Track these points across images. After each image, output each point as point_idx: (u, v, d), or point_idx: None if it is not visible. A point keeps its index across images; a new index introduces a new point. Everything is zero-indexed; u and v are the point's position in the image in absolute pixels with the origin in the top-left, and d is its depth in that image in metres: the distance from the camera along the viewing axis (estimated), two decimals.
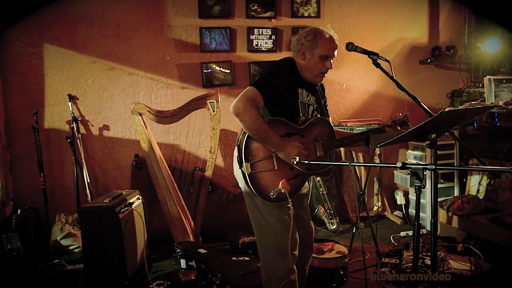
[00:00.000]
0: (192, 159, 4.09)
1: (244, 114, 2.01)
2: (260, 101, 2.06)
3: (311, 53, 2.17)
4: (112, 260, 2.78)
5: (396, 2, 4.70)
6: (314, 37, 2.16)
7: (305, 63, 2.20)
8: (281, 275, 2.13)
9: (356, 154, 4.59)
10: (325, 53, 2.16)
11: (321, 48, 2.16)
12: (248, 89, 2.06)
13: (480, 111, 2.61)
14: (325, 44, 2.16)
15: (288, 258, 2.14)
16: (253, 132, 2.05)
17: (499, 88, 3.92)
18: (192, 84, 4.26)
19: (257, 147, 2.10)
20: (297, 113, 2.21)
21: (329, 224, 4.20)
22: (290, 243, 2.12)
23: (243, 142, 2.08)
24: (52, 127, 4.03)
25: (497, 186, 3.77)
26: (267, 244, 2.20)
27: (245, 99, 2.02)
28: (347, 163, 1.84)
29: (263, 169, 2.09)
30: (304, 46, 2.18)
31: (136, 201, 3.14)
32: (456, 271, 2.88)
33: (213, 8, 4.20)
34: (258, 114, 2.03)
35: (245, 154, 2.08)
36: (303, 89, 2.24)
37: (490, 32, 4.45)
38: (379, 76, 4.62)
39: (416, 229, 1.75)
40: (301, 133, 2.20)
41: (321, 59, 2.17)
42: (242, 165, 2.07)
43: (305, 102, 2.26)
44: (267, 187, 2.08)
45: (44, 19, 3.92)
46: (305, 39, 2.18)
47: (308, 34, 2.18)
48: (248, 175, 2.06)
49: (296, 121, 2.21)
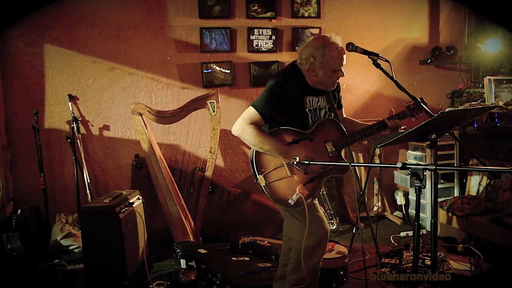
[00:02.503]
0: (192, 159, 4.09)
1: (244, 134, 2.13)
2: (259, 120, 2.14)
3: (323, 70, 2.16)
4: (112, 260, 2.77)
5: (396, 2, 4.70)
6: (323, 55, 2.13)
7: (317, 79, 2.20)
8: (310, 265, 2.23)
9: (356, 154, 4.59)
10: (337, 67, 2.17)
11: (332, 64, 2.15)
12: (247, 111, 2.16)
13: (480, 112, 2.61)
14: (335, 59, 2.15)
15: (320, 248, 2.24)
16: (256, 147, 2.15)
17: (499, 88, 3.92)
18: (192, 84, 4.26)
19: (267, 158, 2.17)
20: (306, 120, 2.23)
21: (329, 225, 4.20)
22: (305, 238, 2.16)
23: (253, 156, 2.18)
24: (53, 127, 4.03)
25: (497, 187, 3.77)
26: (299, 239, 2.22)
27: (243, 120, 2.14)
28: (347, 163, 1.85)
29: (277, 178, 2.16)
30: (314, 65, 2.16)
31: (136, 201, 3.14)
32: (456, 271, 2.88)
33: (214, 8, 4.20)
34: (256, 130, 2.11)
35: (257, 167, 2.17)
36: (310, 96, 2.25)
37: (490, 33, 4.45)
38: (379, 76, 4.62)
39: (416, 230, 1.76)
40: (309, 137, 2.23)
41: (333, 72, 2.18)
42: (257, 179, 2.16)
43: (315, 107, 2.27)
44: (285, 195, 2.15)
45: (44, 19, 3.92)
46: (314, 58, 2.14)
47: (316, 50, 2.14)
48: (264, 186, 2.15)
49: (305, 128, 2.23)
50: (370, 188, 4.74)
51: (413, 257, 1.84)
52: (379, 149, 4.28)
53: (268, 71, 4.37)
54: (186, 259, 3.24)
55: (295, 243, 2.29)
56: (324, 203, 4.22)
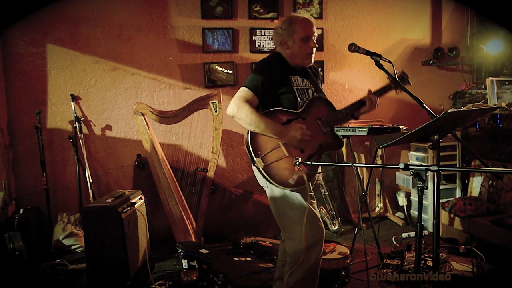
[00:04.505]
0: (194, 160, 4.09)
1: (239, 112, 2.13)
2: (253, 98, 2.15)
3: (291, 39, 2.24)
4: (114, 260, 2.77)
5: (398, 3, 4.70)
6: (289, 24, 2.24)
7: (290, 51, 2.27)
8: (308, 264, 2.18)
9: (358, 155, 4.59)
10: (304, 34, 2.24)
11: (299, 32, 2.23)
12: (240, 90, 2.18)
13: (483, 112, 2.61)
14: (301, 27, 2.23)
15: (316, 249, 2.18)
16: (252, 126, 2.13)
17: (502, 89, 3.92)
18: (195, 85, 4.27)
19: (263, 140, 2.16)
20: (295, 100, 2.25)
21: (331, 225, 4.20)
22: (311, 218, 2.15)
23: (248, 139, 2.16)
24: (55, 127, 4.03)
25: (499, 188, 3.76)
26: (295, 232, 2.19)
27: (237, 99, 2.15)
28: (350, 164, 1.85)
29: (275, 159, 2.14)
30: (282, 36, 2.26)
31: (138, 201, 3.14)
32: (458, 272, 2.88)
33: (216, 9, 4.21)
34: (252, 108, 2.12)
35: (253, 150, 2.14)
36: (296, 76, 2.30)
37: (492, 34, 4.45)
38: (381, 77, 4.60)
39: (418, 230, 1.75)
40: (301, 116, 2.23)
41: (303, 42, 2.24)
42: (255, 162, 2.13)
43: (302, 87, 2.30)
44: (285, 175, 2.14)
45: (47, 20, 3.93)
46: (282, 29, 2.27)
47: (283, 24, 2.28)
48: (263, 169, 2.12)
49: (296, 108, 2.25)
50: (371, 189, 4.74)
51: (415, 257, 1.84)
52: (381, 150, 4.28)
53: None
54: (187, 259, 3.25)
55: (289, 246, 2.27)
56: (326, 204, 4.22)
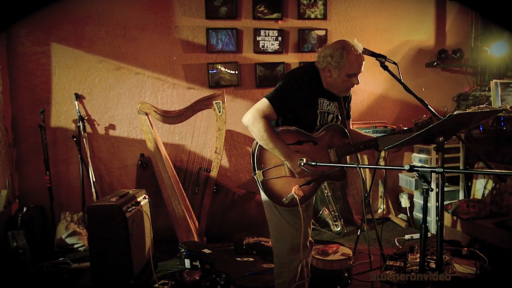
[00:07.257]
0: (198, 160, 4.10)
1: (253, 126, 2.08)
2: (271, 113, 2.10)
3: (338, 72, 2.14)
4: (118, 258, 2.78)
5: (402, 4, 4.70)
6: (341, 57, 2.11)
7: (331, 80, 2.18)
8: (291, 268, 2.26)
9: (361, 156, 4.59)
10: (352, 72, 2.15)
11: (348, 67, 2.13)
12: (261, 101, 2.11)
13: (488, 115, 2.61)
14: (353, 63, 2.13)
15: (300, 253, 2.24)
16: (261, 142, 2.12)
17: (506, 92, 3.91)
18: (198, 85, 4.27)
19: (269, 155, 2.16)
20: (313, 122, 2.23)
21: (333, 226, 4.20)
22: (302, 239, 2.23)
23: (256, 150, 2.17)
24: (59, 126, 4.05)
25: (503, 190, 3.75)
26: (282, 242, 2.28)
27: (255, 111, 2.09)
28: (355, 165, 1.86)
29: (275, 176, 2.17)
30: (330, 64, 2.14)
31: (143, 200, 3.15)
32: (461, 274, 2.88)
33: (220, 9, 4.21)
34: (267, 125, 2.08)
35: (257, 162, 2.16)
36: (323, 98, 2.24)
37: (497, 36, 4.44)
38: (384, 78, 4.61)
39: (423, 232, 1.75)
40: (313, 140, 2.22)
41: (348, 77, 2.16)
42: (255, 173, 2.15)
43: (325, 111, 2.26)
44: (280, 193, 2.16)
45: (52, 18, 3.94)
46: (332, 58, 2.13)
47: (335, 52, 2.13)
48: (261, 181, 2.16)
49: (311, 130, 2.23)
50: (374, 191, 4.73)
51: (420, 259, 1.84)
52: (384, 152, 4.27)
53: (274, 72, 4.38)
54: (190, 259, 3.26)
55: (275, 248, 2.33)
56: (329, 205, 4.22)
